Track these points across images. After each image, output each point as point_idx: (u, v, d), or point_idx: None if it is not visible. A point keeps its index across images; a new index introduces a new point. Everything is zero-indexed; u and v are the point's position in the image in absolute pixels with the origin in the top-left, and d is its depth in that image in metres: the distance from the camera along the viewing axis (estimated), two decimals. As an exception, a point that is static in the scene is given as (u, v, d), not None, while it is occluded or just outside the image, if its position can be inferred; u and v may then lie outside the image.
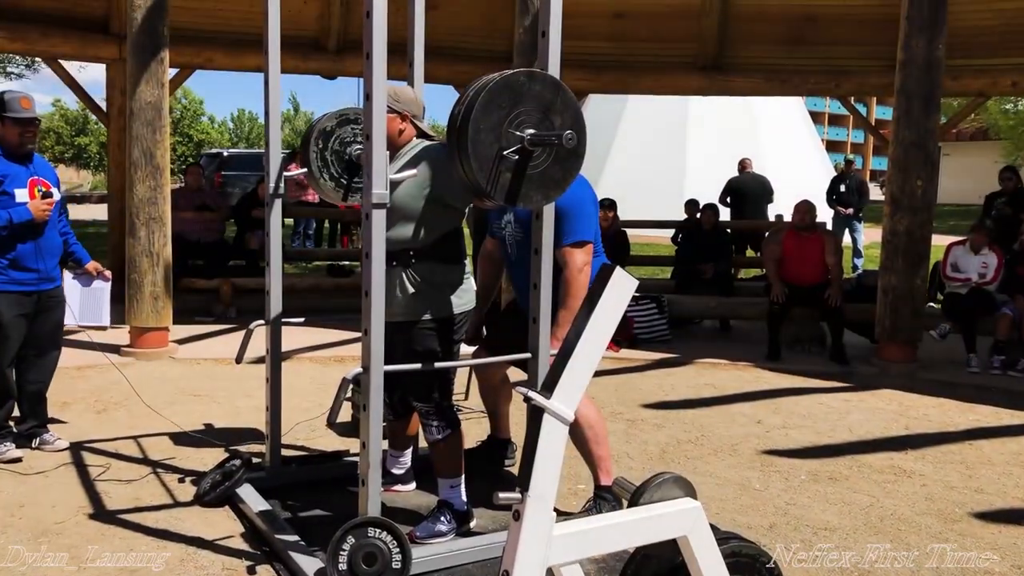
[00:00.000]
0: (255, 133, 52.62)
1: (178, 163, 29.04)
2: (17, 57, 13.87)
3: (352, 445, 4.68)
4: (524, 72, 2.88)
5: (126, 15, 6.88)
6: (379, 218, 2.97)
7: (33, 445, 4.46)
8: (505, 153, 2.83)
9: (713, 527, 2.60)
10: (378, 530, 3.02)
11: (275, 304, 3.95)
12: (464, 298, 3.47)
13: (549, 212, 3.23)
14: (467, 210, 3.63)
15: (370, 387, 3.01)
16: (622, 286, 2.01)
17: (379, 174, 2.95)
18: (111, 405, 5.32)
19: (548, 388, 1.97)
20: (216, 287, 8.30)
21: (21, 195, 4.23)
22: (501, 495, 1.95)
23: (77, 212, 21.70)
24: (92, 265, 4.71)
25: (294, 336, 7.02)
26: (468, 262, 3.58)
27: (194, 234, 8.70)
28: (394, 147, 3.38)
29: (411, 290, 3.33)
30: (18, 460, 4.26)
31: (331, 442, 4.78)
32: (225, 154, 22.02)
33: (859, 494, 4.17)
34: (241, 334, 4.11)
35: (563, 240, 3.57)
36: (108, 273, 4.78)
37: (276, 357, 3.99)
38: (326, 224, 14.12)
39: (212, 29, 9.11)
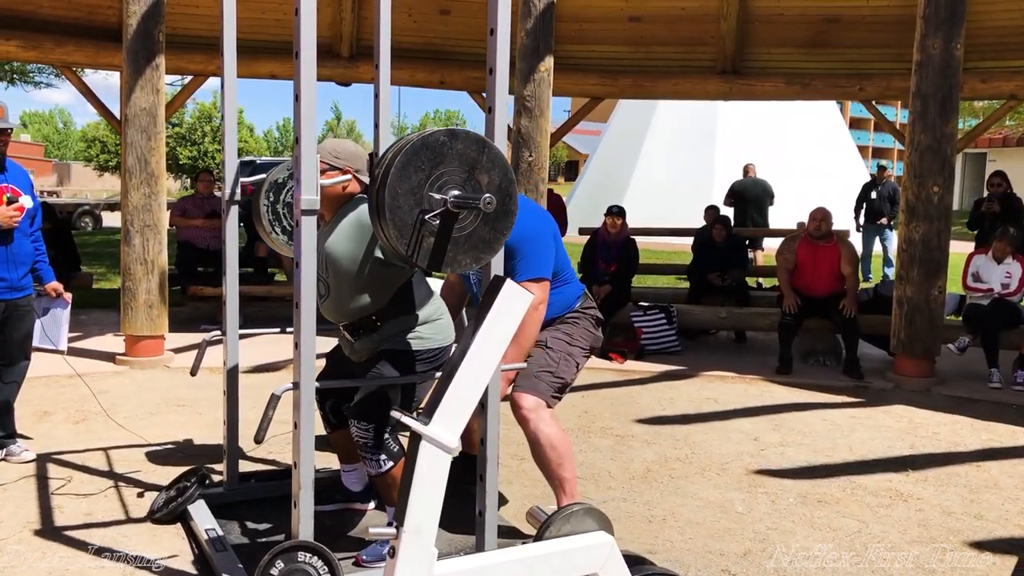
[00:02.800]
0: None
1: (216, 171, 29.34)
2: (51, 68, 14.04)
3: (326, 460, 4.55)
4: (444, 131, 2.71)
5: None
6: (309, 225, 2.82)
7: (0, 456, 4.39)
8: (427, 217, 2.67)
9: (647, 562, 2.41)
10: (308, 555, 2.86)
11: (232, 315, 3.83)
12: (438, 336, 3.32)
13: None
14: None
15: (301, 404, 2.86)
16: (513, 301, 1.83)
17: (308, 179, 2.81)
18: (91, 415, 5.25)
19: (428, 413, 1.80)
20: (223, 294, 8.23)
21: (-14, 201, 4.18)
22: (372, 530, 1.78)
23: (112, 220, 22.03)
24: (52, 286, 4.59)
25: (288, 346, 6.93)
26: (437, 298, 3.42)
27: (203, 241, 8.67)
28: (336, 204, 3.27)
29: (376, 345, 3.27)
30: (-20, 472, 4.19)
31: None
32: (258, 161, 22.19)
33: (848, 519, 3.92)
34: (255, 340, 4.00)
35: (516, 276, 3.37)
36: (68, 296, 4.69)
37: (233, 369, 3.86)
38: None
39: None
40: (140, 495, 4.01)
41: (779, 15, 9.26)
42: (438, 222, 2.70)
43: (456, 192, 2.70)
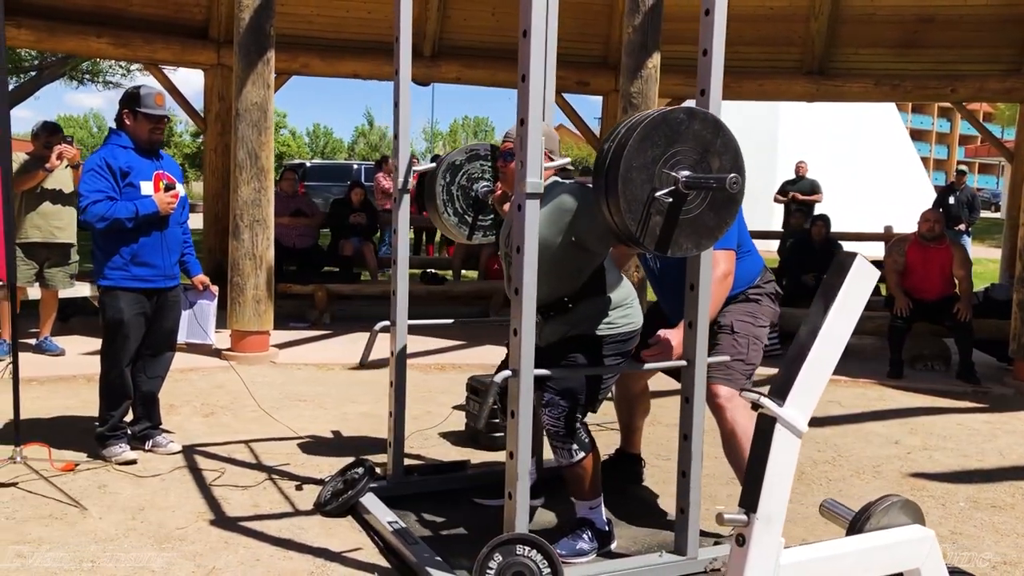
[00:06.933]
0: (329, 147, 54.34)
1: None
2: (119, 66, 14.10)
3: (468, 455, 4.48)
4: (684, 109, 2.66)
5: (232, 17, 6.88)
6: (532, 209, 2.74)
7: (146, 447, 4.35)
8: (657, 195, 2.59)
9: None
10: (527, 548, 2.78)
11: (401, 305, 3.75)
12: (628, 321, 3.25)
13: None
14: None
15: (520, 392, 2.77)
16: (863, 276, 1.74)
17: (534, 162, 2.73)
18: (217, 409, 5.20)
19: (779, 394, 1.71)
20: (311, 292, 8.21)
21: (146, 188, 4.15)
22: (726, 515, 1.69)
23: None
24: (200, 279, 4.58)
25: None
26: (627, 283, 3.33)
27: (289, 239, 8.65)
28: None
29: (567, 330, 3.19)
30: (133, 462, 4.14)
31: (445, 452, 4.58)
32: (307, 165, 22.26)
33: (1031, 525, 3.79)
34: (352, 338, 3.94)
35: None
36: (215, 289, 4.66)
37: (401, 361, 3.79)
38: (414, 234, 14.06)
39: (309, 35, 9.09)
40: (299, 487, 3.95)
41: (871, 15, 9.14)
42: (669, 201, 2.63)
43: (687, 172, 2.63)
